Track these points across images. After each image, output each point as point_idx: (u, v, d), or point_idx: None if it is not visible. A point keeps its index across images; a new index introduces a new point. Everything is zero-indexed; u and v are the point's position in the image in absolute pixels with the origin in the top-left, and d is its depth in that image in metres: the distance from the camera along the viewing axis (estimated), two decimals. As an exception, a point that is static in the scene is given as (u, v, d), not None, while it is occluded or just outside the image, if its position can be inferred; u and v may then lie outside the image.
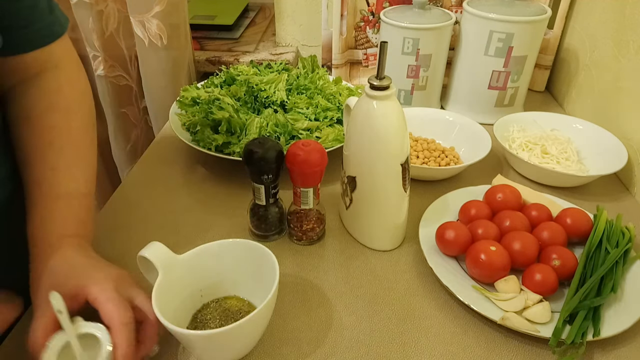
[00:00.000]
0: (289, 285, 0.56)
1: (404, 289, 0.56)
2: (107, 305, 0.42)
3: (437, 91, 0.93)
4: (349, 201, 0.61)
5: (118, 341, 0.41)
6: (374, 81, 0.53)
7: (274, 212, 0.61)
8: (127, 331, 0.41)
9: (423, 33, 0.82)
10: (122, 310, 0.42)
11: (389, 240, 0.61)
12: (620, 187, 0.74)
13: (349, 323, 0.52)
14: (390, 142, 0.54)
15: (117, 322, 0.41)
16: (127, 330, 0.41)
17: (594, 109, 0.86)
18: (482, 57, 0.85)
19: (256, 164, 0.55)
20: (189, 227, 0.65)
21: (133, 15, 0.94)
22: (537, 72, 1.00)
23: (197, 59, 1.09)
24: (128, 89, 1.10)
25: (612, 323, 0.49)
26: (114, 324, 0.41)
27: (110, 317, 0.41)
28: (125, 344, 0.41)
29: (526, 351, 0.49)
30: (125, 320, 0.41)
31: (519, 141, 0.78)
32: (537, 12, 0.81)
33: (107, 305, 0.42)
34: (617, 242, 0.56)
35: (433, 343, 0.50)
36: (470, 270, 0.55)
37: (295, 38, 1.14)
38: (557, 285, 0.52)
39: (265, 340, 0.50)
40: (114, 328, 0.41)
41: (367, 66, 1.04)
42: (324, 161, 0.56)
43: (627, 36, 0.76)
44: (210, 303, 0.51)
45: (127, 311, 0.42)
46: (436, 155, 0.75)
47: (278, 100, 0.76)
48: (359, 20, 0.99)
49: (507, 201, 0.63)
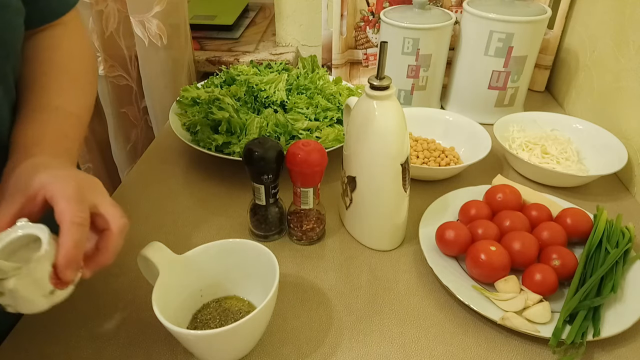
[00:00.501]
0: (289, 285, 0.56)
1: (404, 289, 0.56)
2: (61, 202, 0.38)
3: (437, 91, 0.93)
4: (349, 201, 0.61)
5: (63, 240, 0.37)
6: (374, 81, 0.53)
7: (274, 212, 0.61)
8: (77, 232, 0.37)
9: (423, 33, 0.82)
10: (76, 209, 0.38)
11: (389, 240, 0.61)
12: (620, 187, 0.74)
13: (349, 323, 0.52)
14: (390, 142, 0.54)
15: (67, 220, 0.37)
16: (76, 231, 0.37)
17: (594, 109, 0.86)
18: (482, 57, 0.85)
19: (256, 164, 0.55)
20: (189, 227, 0.65)
21: (133, 15, 0.94)
22: (537, 72, 1.00)
23: (197, 59, 1.09)
24: (128, 89, 1.10)
25: (612, 323, 0.49)
26: (64, 221, 0.37)
27: (62, 214, 0.37)
28: (71, 244, 0.37)
29: (526, 351, 0.49)
30: (77, 220, 0.37)
31: (519, 141, 0.78)
32: (537, 12, 0.81)
33: (60, 202, 0.38)
34: (617, 242, 0.56)
35: (433, 343, 0.50)
36: (470, 270, 0.55)
37: (295, 38, 1.14)
38: (557, 285, 0.52)
39: (265, 340, 0.50)
40: (62, 226, 0.37)
41: (367, 66, 1.04)
42: (324, 161, 0.56)
43: (627, 36, 0.76)
44: (210, 303, 0.51)
45: (81, 211, 0.38)
46: (436, 155, 0.75)
47: (278, 100, 0.76)
48: (359, 20, 0.99)
49: (507, 201, 0.63)
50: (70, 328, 0.51)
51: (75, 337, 0.50)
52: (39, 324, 0.51)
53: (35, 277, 0.36)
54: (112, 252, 0.41)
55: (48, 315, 0.52)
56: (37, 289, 0.37)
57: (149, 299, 0.43)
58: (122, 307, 0.53)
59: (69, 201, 0.38)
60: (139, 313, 0.52)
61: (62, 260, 0.37)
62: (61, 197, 0.38)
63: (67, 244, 0.37)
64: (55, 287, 0.37)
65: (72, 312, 0.52)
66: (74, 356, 0.48)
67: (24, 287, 0.35)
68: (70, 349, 0.49)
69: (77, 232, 0.37)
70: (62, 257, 0.37)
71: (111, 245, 0.41)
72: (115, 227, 0.40)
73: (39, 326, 0.51)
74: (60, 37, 0.55)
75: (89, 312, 0.53)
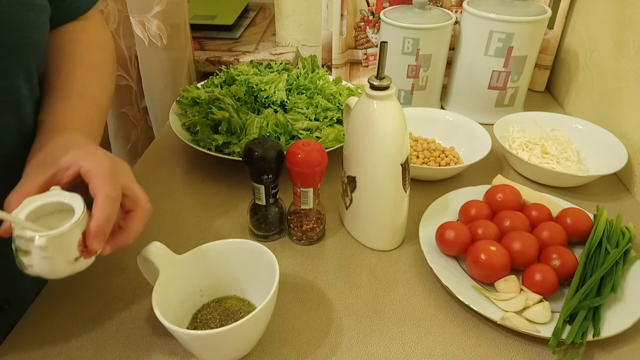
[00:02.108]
0: (289, 285, 0.56)
1: (404, 289, 0.56)
2: (97, 177, 0.39)
3: (437, 91, 0.93)
4: (349, 201, 0.61)
5: (97, 211, 0.38)
6: (374, 81, 0.53)
7: (274, 212, 0.61)
8: (109, 205, 0.39)
9: (423, 33, 0.82)
10: (110, 185, 0.39)
11: (389, 240, 0.61)
12: (620, 187, 0.74)
13: (349, 323, 0.52)
14: (390, 142, 0.54)
15: (103, 193, 0.39)
16: (109, 204, 0.39)
17: (594, 109, 0.86)
18: (482, 57, 0.85)
19: (256, 164, 0.55)
20: (189, 227, 0.65)
21: (133, 15, 0.94)
22: (537, 72, 1.00)
23: (197, 59, 1.09)
24: (128, 89, 1.10)
25: (612, 323, 0.49)
26: (98, 195, 0.39)
27: (97, 188, 0.39)
28: (103, 216, 0.38)
29: (526, 351, 0.49)
30: (112, 195, 0.39)
31: (519, 141, 0.78)
32: (537, 12, 0.81)
33: (96, 177, 0.40)
34: (617, 242, 0.56)
35: (433, 343, 0.50)
36: (470, 270, 0.55)
37: (295, 38, 1.14)
38: (557, 285, 0.52)
39: (265, 340, 0.50)
40: (97, 199, 0.39)
41: (367, 66, 1.04)
42: (324, 161, 0.56)
43: (627, 36, 0.76)
44: (210, 303, 0.51)
45: (115, 188, 0.40)
46: (436, 155, 0.75)
47: (278, 100, 0.76)
48: (359, 20, 0.99)
49: (507, 201, 0.63)
50: (70, 328, 0.51)
51: (75, 337, 0.50)
52: (39, 324, 0.51)
53: (66, 240, 0.37)
54: (134, 233, 0.42)
55: (48, 315, 0.52)
56: (65, 253, 0.38)
57: (149, 299, 0.44)
58: (122, 307, 0.53)
59: (105, 177, 0.40)
60: (139, 313, 0.52)
61: (93, 229, 0.38)
62: (96, 172, 0.40)
63: (100, 215, 0.38)
64: (80, 254, 0.39)
65: (72, 312, 0.52)
66: (74, 356, 0.48)
67: (53, 248, 0.36)
68: (70, 349, 0.49)
69: (109, 206, 0.39)
70: (94, 227, 0.38)
71: (135, 226, 0.42)
72: (141, 209, 0.43)
73: (39, 326, 0.51)
74: (82, 31, 0.57)
75: (89, 312, 0.53)
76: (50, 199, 0.39)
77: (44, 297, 0.54)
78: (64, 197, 0.39)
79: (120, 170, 0.43)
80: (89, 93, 0.53)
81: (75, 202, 0.39)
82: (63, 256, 0.38)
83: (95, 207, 0.39)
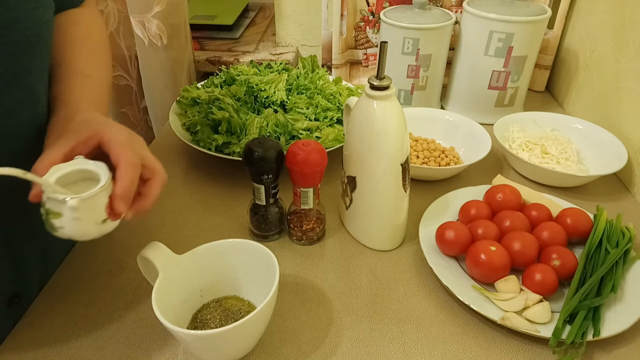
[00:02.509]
0: (289, 285, 0.56)
1: (404, 289, 0.56)
2: (118, 146, 0.42)
3: (437, 91, 0.93)
4: (349, 201, 0.61)
5: (120, 176, 0.41)
6: (374, 81, 0.53)
7: (274, 212, 0.61)
8: (132, 171, 0.42)
9: (423, 33, 0.82)
10: (131, 153, 0.42)
11: (389, 240, 0.61)
12: (620, 187, 0.74)
13: (349, 323, 0.52)
14: (390, 142, 0.54)
15: (125, 160, 0.42)
16: (132, 170, 0.42)
17: (594, 109, 0.86)
18: (482, 57, 0.85)
19: (256, 164, 0.55)
20: (189, 227, 0.65)
21: (133, 15, 0.94)
22: (537, 72, 1.00)
23: (197, 59, 1.09)
24: (128, 89, 1.10)
25: (612, 323, 0.49)
26: (121, 161, 0.42)
27: (119, 156, 0.42)
28: (128, 181, 0.41)
29: (526, 351, 0.49)
30: (133, 162, 0.42)
31: (519, 141, 0.78)
32: (537, 12, 0.81)
33: (117, 146, 0.42)
34: (617, 242, 0.56)
35: (433, 343, 0.50)
36: (470, 270, 0.55)
37: (295, 38, 1.14)
38: (557, 285, 0.52)
39: (265, 340, 0.50)
40: (120, 165, 0.41)
41: (367, 66, 1.04)
42: (324, 161, 0.56)
43: (627, 36, 0.76)
44: (210, 303, 0.51)
45: (135, 156, 0.43)
46: (436, 155, 0.75)
47: (278, 100, 0.76)
48: (359, 20, 0.99)
49: (507, 201, 0.63)
50: (70, 328, 0.51)
51: (75, 337, 0.50)
52: (39, 324, 0.51)
53: (96, 202, 0.40)
54: (152, 199, 0.45)
55: (48, 315, 0.52)
56: (94, 214, 0.41)
57: (149, 299, 0.44)
58: (122, 307, 0.53)
59: (125, 146, 0.42)
60: (139, 313, 0.52)
61: (118, 192, 0.41)
62: (117, 142, 0.43)
63: (124, 180, 0.41)
64: (108, 216, 0.41)
65: (72, 312, 0.52)
66: (74, 356, 0.48)
67: (83, 209, 0.39)
68: (70, 349, 0.49)
69: (132, 171, 0.42)
70: (119, 190, 0.41)
71: (153, 192, 0.45)
72: (158, 177, 0.45)
73: (39, 326, 0.51)
74: (79, 15, 0.60)
75: (89, 312, 0.53)
76: (77, 167, 0.42)
77: (44, 297, 0.54)
78: (90, 165, 0.42)
79: (136, 141, 0.46)
80: (94, 73, 0.55)
81: (100, 169, 0.42)
82: (92, 217, 0.41)
83: (119, 173, 0.41)
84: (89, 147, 0.43)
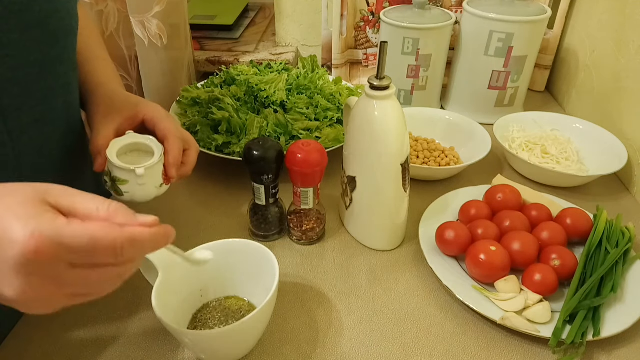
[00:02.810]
0: (289, 285, 0.56)
1: (404, 289, 0.56)
2: (163, 122, 0.50)
3: (437, 91, 0.93)
4: (349, 201, 0.61)
5: (171, 148, 0.49)
6: (374, 81, 0.53)
7: (274, 212, 0.61)
8: (179, 142, 0.49)
9: (423, 33, 0.82)
10: (175, 128, 0.50)
11: (389, 240, 0.61)
12: (620, 187, 0.74)
13: (349, 323, 0.52)
14: (390, 142, 0.54)
15: (172, 134, 0.49)
16: (179, 142, 0.49)
17: (594, 109, 0.86)
18: (482, 57, 0.85)
19: (256, 164, 0.55)
20: (189, 227, 0.65)
21: (133, 15, 0.94)
22: (537, 72, 1.00)
23: (197, 59, 1.09)
24: (128, 89, 1.09)
25: (612, 323, 0.49)
26: (168, 135, 0.49)
27: (165, 130, 0.49)
28: (177, 151, 0.49)
29: (526, 351, 0.49)
30: (179, 135, 0.50)
31: (519, 141, 0.78)
32: (537, 12, 0.81)
33: (163, 121, 0.50)
34: (617, 242, 0.56)
35: (433, 343, 0.50)
36: (470, 270, 0.55)
37: (295, 38, 1.14)
38: (557, 285, 0.52)
39: (265, 340, 0.50)
40: (169, 138, 0.49)
41: (367, 66, 1.04)
42: (324, 161, 0.56)
43: (627, 36, 0.76)
44: (210, 303, 0.51)
45: (178, 130, 0.50)
46: (436, 155, 0.75)
47: (278, 100, 0.76)
48: (359, 20, 0.99)
49: (507, 201, 0.63)
50: (70, 328, 0.51)
51: (75, 337, 0.50)
52: (39, 324, 0.51)
53: (155, 170, 0.48)
54: (192, 166, 0.53)
55: (48, 315, 0.52)
56: (154, 180, 0.48)
57: (149, 298, 0.44)
58: (122, 307, 0.53)
59: (168, 122, 0.50)
60: (139, 313, 0.52)
61: (172, 161, 0.49)
62: (160, 118, 0.51)
63: (174, 149, 0.49)
64: (163, 181, 0.50)
65: (72, 312, 0.52)
66: (74, 356, 0.48)
67: (147, 177, 0.47)
68: (70, 349, 0.49)
69: (179, 143, 0.50)
70: (172, 159, 0.49)
71: (192, 160, 0.53)
72: (194, 147, 0.53)
73: (39, 326, 0.51)
74: None
75: (89, 312, 0.53)
76: (130, 140, 0.49)
77: (44, 297, 0.54)
78: (141, 139, 0.49)
79: (172, 117, 0.52)
80: (106, 56, 0.62)
81: (151, 142, 0.49)
82: (152, 183, 0.48)
83: (169, 145, 0.49)
84: (135, 123, 0.51)
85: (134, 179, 0.47)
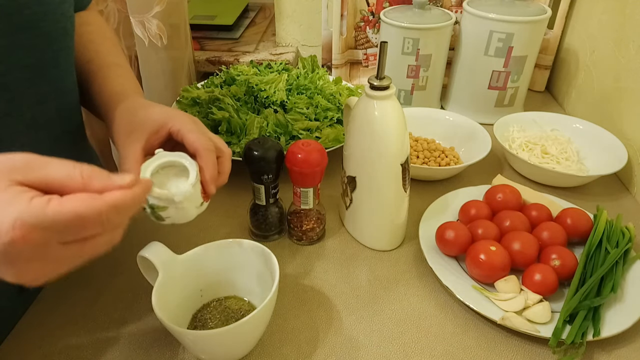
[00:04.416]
0: (289, 285, 0.56)
1: (404, 289, 0.56)
2: (191, 135, 0.45)
3: (437, 91, 0.93)
4: (349, 201, 0.61)
5: (205, 163, 0.44)
6: (373, 81, 0.53)
7: (274, 212, 0.61)
8: (212, 156, 0.45)
9: (423, 33, 0.82)
10: (205, 139, 0.45)
11: (389, 240, 0.61)
12: (620, 187, 0.74)
13: (349, 323, 0.52)
14: (390, 142, 0.54)
15: (203, 148, 0.44)
16: (212, 155, 0.45)
17: (594, 109, 0.86)
18: (482, 57, 0.85)
19: (256, 164, 0.55)
20: (189, 227, 0.65)
21: (133, 15, 0.94)
22: (537, 72, 1.00)
23: (197, 59, 1.09)
24: (128, 89, 1.10)
25: (612, 323, 0.49)
26: (200, 150, 0.44)
27: (195, 144, 0.44)
28: (211, 166, 0.44)
29: (526, 351, 0.49)
30: (210, 147, 0.45)
31: (519, 141, 0.78)
32: (537, 12, 0.81)
33: (191, 135, 0.45)
34: (617, 242, 0.56)
35: (433, 343, 0.50)
36: (470, 270, 0.55)
37: (295, 38, 1.14)
38: (557, 285, 0.52)
39: (265, 340, 0.50)
40: (201, 153, 0.44)
41: (367, 66, 1.04)
42: (324, 161, 0.56)
43: (627, 36, 0.76)
44: (210, 303, 0.51)
45: (208, 141, 0.45)
46: (436, 155, 0.75)
47: (278, 101, 0.76)
48: (359, 20, 0.99)
49: (507, 201, 0.63)
50: (70, 328, 0.51)
51: (75, 337, 0.50)
52: (39, 323, 0.51)
53: (194, 192, 0.44)
54: (227, 175, 0.48)
55: (48, 315, 0.52)
56: (194, 201, 0.45)
57: (149, 298, 0.44)
58: (122, 307, 0.53)
59: (197, 133, 0.45)
60: (139, 313, 0.52)
61: (208, 178, 0.44)
62: (187, 130, 0.45)
63: (209, 165, 0.44)
64: (203, 200, 0.46)
65: (72, 312, 0.52)
66: (74, 356, 0.48)
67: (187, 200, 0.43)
68: (70, 349, 0.49)
69: (212, 156, 0.45)
70: (208, 176, 0.44)
71: (226, 169, 0.48)
72: (226, 155, 0.48)
73: (39, 326, 0.51)
74: (88, 16, 0.62)
75: (89, 312, 0.53)
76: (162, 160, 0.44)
77: (45, 297, 0.54)
78: (175, 157, 0.45)
79: (200, 125, 0.48)
80: (122, 62, 0.58)
81: (184, 159, 0.44)
82: (193, 204, 0.45)
83: (202, 160, 0.44)
84: (161, 137, 0.46)
85: (173, 205, 0.44)
